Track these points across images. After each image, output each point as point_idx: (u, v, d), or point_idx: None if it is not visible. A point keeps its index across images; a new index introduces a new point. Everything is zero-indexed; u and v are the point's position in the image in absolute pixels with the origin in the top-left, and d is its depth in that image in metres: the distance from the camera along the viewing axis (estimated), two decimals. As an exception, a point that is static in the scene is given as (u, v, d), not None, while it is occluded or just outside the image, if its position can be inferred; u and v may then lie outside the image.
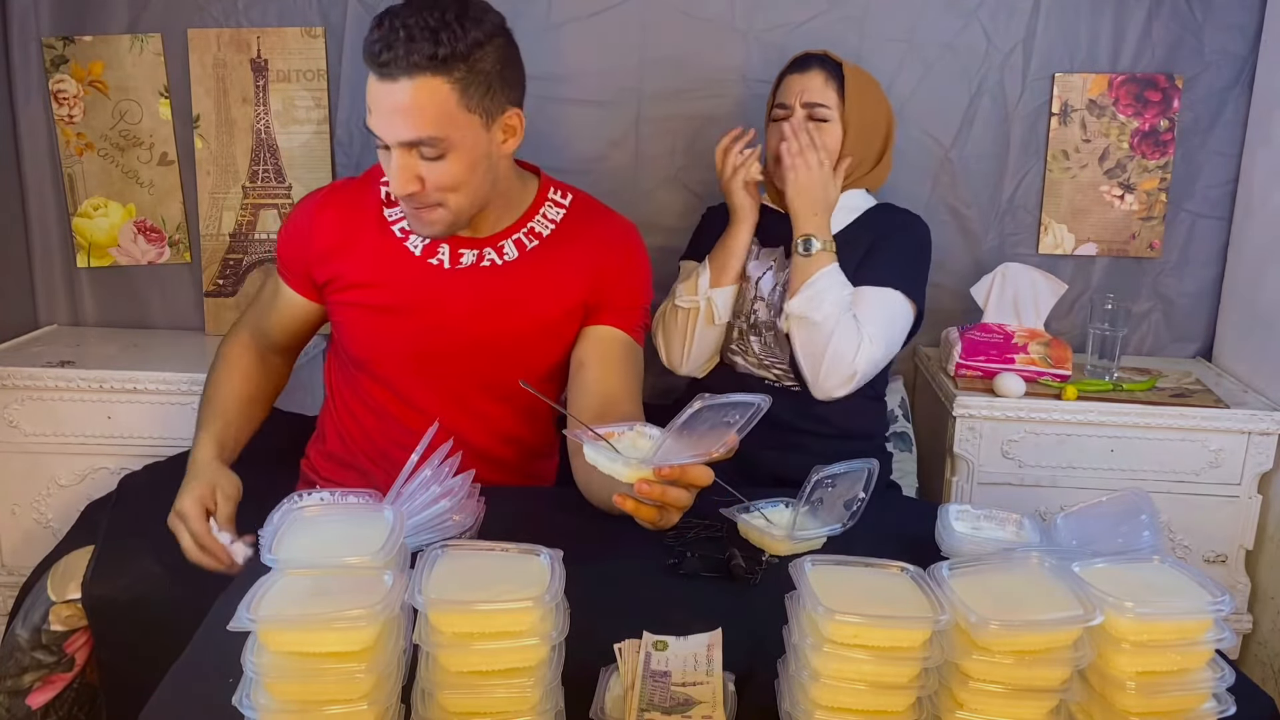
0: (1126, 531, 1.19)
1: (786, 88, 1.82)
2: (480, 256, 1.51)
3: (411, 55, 1.27)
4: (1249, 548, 2.01)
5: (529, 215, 1.54)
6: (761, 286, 1.83)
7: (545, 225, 1.54)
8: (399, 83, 1.29)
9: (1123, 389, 2.00)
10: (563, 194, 1.58)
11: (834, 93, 1.79)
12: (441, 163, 1.35)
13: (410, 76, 1.29)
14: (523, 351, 1.54)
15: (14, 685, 1.49)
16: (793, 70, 1.83)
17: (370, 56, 1.29)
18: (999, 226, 2.23)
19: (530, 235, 1.53)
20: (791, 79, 1.81)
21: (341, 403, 1.65)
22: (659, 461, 1.08)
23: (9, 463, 2.02)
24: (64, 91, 2.16)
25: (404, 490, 1.15)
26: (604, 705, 0.92)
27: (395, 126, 1.31)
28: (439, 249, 1.50)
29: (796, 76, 1.81)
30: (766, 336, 1.82)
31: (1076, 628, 0.85)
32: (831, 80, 1.79)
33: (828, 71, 1.80)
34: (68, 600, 1.49)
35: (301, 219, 1.58)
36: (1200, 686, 0.88)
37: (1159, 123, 2.17)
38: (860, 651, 0.83)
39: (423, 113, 1.30)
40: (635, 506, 1.12)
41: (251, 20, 2.15)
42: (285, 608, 0.83)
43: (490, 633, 0.84)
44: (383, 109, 1.31)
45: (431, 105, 1.30)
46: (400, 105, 1.30)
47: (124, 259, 2.26)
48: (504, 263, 1.51)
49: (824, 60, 1.81)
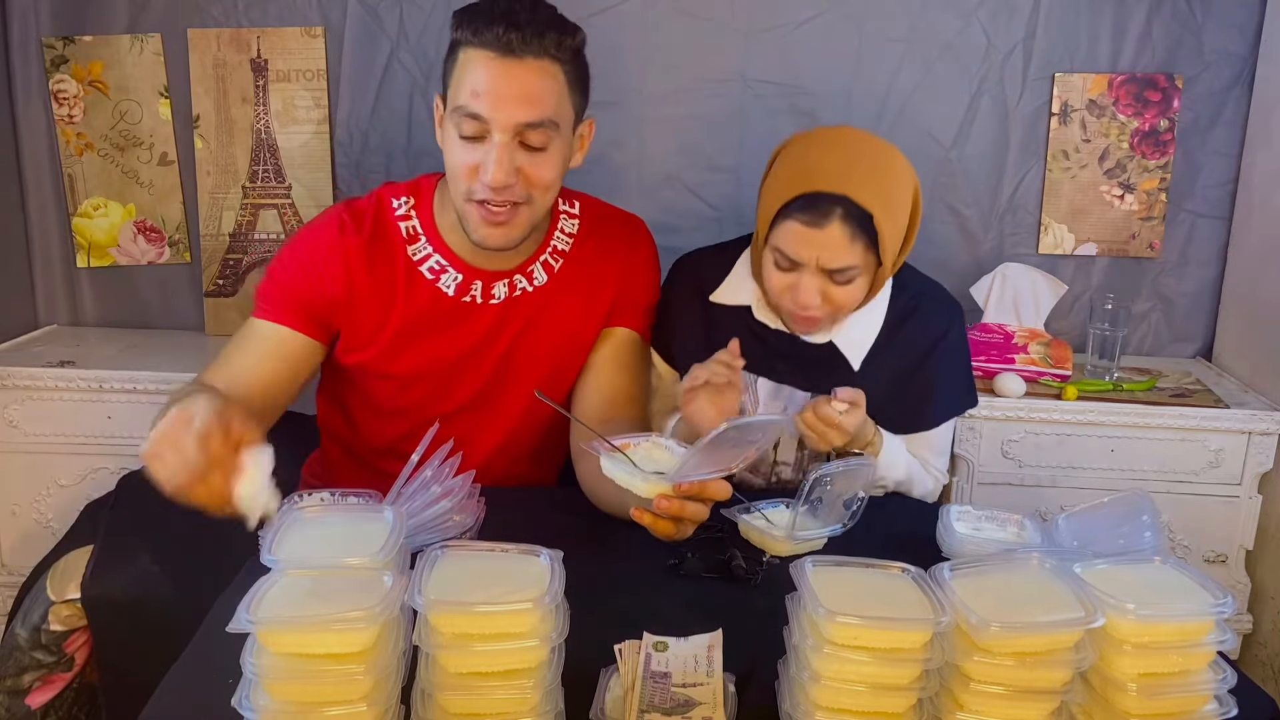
0: (1128, 533, 1.19)
1: (790, 237, 1.36)
2: (512, 286, 1.47)
3: (543, 37, 1.26)
4: (1249, 548, 2.01)
5: (549, 234, 1.50)
6: (781, 451, 1.54)
7: (565, 241, 1.50)
8: (525, 62, 1.25)
9: (1123, 389, 2.00)
10: (569, 202, 1.54)
11: (861, 247, 1.35)
12: (543, 155, 1.31)
13: (537, 58, 1.26)
14: (562, 370, 1.53)
15: (13, 685, 1.49)
16: (800, 216, 1.35)
17: (491, 36, 1.25)
18: (999, 226, 2.23)
19: (555, 255, 1.49)
20: (799, 231, 1.35)
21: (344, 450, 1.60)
22: (679, 478, 1.07)
23: (9, 463, 2.02)
24: (64, 91, 2.16)
25: (404, 491, 1.15)
26: (604, 706, 0.92)
27: (514, 108, 1.26)
28: (471, 286, 1.45)
29: (809, 231, 1.35)
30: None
31: (1078, 629, 0.85)
32: (859, 237, 1.35)
33: (854, 226, 1.34)
34: (67, 600, 1.49)
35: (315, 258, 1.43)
36: (1202, 688, 0.88)
37: (1159, 123, 2.17)
38: (861, 653, 0.83)
39: (545, 96, 1.28)
40: (653, 520, 1.12)
41: (251, 20, 2.15)
42: (285, 609, 0.83)
43: (490, 634, 0.84)
44: (501, 90, 1.25)
45: (553, 90, 1.29)
46: (524, 86, 1.26)
47: (124, 259, 2.25)
48: (535, 288, 1.48)
49: (847, 206, 1.33)
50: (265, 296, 1.44)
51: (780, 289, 1.41)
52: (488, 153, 1.28)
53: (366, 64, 2.15)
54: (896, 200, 1.39)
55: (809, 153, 1.40)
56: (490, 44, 1.25)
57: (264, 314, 1.43)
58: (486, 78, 1.25)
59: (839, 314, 1.43)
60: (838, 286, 1.38)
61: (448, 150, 1.33)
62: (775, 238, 1.38)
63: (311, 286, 1.43)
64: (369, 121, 2.18)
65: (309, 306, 1.43)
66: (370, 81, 2.16)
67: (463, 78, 1.28)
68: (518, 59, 1.25)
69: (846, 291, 1.38)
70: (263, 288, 1.45)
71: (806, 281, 1.37)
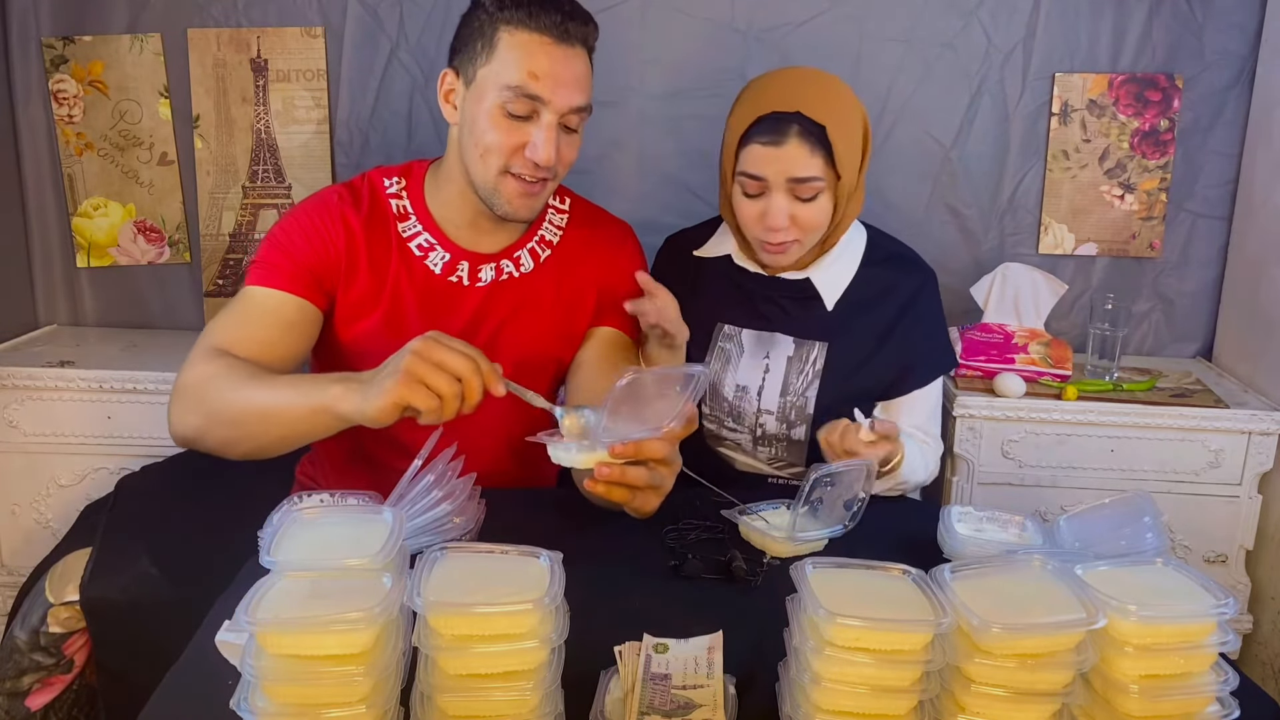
0: (1129, 534, 1.18)
1: (755, 159, 1.45)
2: (499, 271, 1.49)
3: (586, 26, 1.36)
4: (1249, 548, 2.01)
5: (537, 224, 1.53)
6: (765, 399, 1.57)
7: (553, 233, 1.53)
8: (575, 49, 1.35)
9: (1123, 389, 2.00)
10: (560, 198, 1.56)
11: (821, 161, 1.44)
12: (574, 136, 1.40)
13: (582, 45, 1.37)
14: (544, 361, 1.53)
15: (13, 687, 1.49)
16: (761, 137, 1.45)
17: (549, 22, 1.32)
18: (999, 226, 2.23)
19: (542, 244, 1.52)
20: (761, 150, 1.45)
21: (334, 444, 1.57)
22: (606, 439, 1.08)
23: (9, 463, 2.02)
24: (64, 91, 2.16)
25: (406, 493, 1.15)
26: (604, 708, 0.92)
27: (570, 91, 1.34)
28: (458, 266, 1.47)
29: (769, 149, 1.44)
30: (778, 448, 1.61)
31: (1079, 631, 0.84)
32: (817, 149, 1.44)
33: (811, 140, 1.43)
34: (66, 602, 1.49)
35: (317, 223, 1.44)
36: (1204, 690, 0.87)
37: (1159, 123, 2.16)
38: (861, 655, 0.83)
39: (587, 83, 1.38)
40: (606, 489, 1.13)
41: (251, 20, 2.15)
42: (284, 610, 0.82)
43: (490, 635, 0.84)
44: (560, 74, 1.33)
45: (590, 77, 1.39)
46: (576, 71, 1.35)
47: (124, 259, 2.25)
48: (521, 274, 1.50)
49: (802, 122, 1.43)
50: (268, 263, 1.42)
51: (752, 218, 1.49)
52: (537, 133, 1.34)
53: (366, 64, 2.15)
54: (847, 117, 1.48)
55: (762, 83, 1.53)
56: (548, 29, 1.32)
57: (267, 281, 1.40)
58: (546, 62, 1.32)
59: (807, 236, 1.50)
60: (803, 204, 1.46)
61: (482, 127, 1.35)
62: (741, 163, 1.47)
63: (314, 250, 1.42)
64: (369, 121, 2.18)
65: (313, 271, 1.42)
66: (370, 81, 2.16)
67: (515, 59, 1.32)
68: (570, 46, 1.34)
69: (812, 209, 1.46)
70: (264, 255, 1.43)
71: (774, 202, 1.46)
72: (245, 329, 1.37)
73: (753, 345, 1.59)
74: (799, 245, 1.51)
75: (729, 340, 1.59)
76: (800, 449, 1.60)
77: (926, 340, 1.61)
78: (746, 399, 1.58)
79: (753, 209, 1.48)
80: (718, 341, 1.60)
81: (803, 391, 1.56)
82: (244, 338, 1.35)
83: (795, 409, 1.56)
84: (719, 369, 1.57)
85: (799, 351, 1.57)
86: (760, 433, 1.59)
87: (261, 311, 1.39)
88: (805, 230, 1.48)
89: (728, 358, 1.59)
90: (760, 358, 1.58)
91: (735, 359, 1.59)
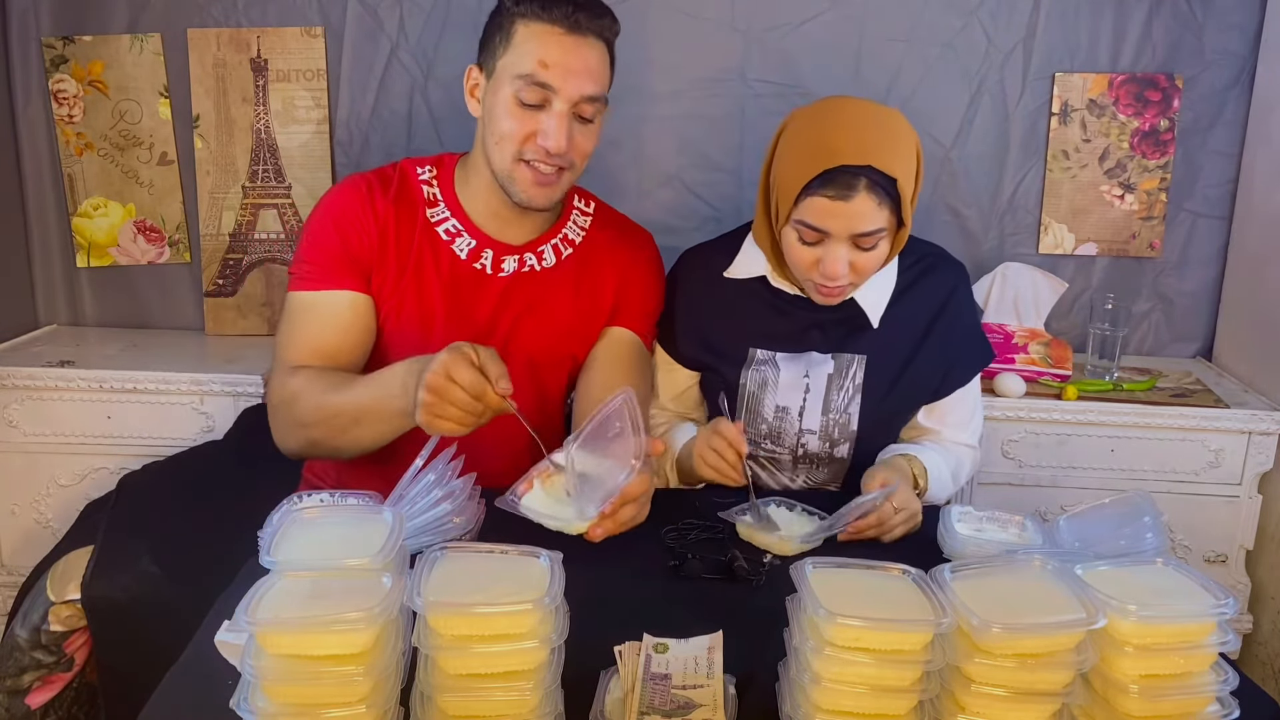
0: (1130, 534, 1.18)
1: (818, 211, 1.37)
2: (521, 262, 1.51)
3: (601, 19, 1.40)
4: (1249, 548, 2.01)
5: (562, 222, 1.55)
6: (806, 419, 1.53)
7: (577, 233, 1.56)
8: (587, 40, 1.39)
9: (1123, 389, 2.00)
10: (585, 201, 1.60)
11: (887, 210, 1.38)
12: (590, 126, 1.43)
13: (597, 36, 1.40)
14: (560, 356, 1.55)
15: (13, 685, 1.49)
16: (827, 191, 1.35)
17: (561, 14, 1.36)
18: (999, 226, 2.23)
19: (565, 243, 1.54)
20: (827, 205, 1.36)
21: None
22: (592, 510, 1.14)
23: (9, 463, 2.02)
24: (64, 91, 2.16)
25: (406, 493, 1.15)
26: (604, 708, 0.92)
27: (581, 79, 1.38)
28: (483, 254, 1.50)
29: (837, 205, 1.36)
30: (820, 467, 1.57)
31: (1079, 631, 0.85)
32: (885, 202, 1.37)
33: (880, 192, 1.36)
34: (67, 600, 1.49)
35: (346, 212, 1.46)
36: (1203, 690, 0.87)
37: (1159, 122, 2.16)
38: (861, 654, 0.83)
39: (601, 73, 1.41)
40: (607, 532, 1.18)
41: (251, 20, 2.14)
42: (284, 610, 0.82)
43: (489, 635, 0.84)
44: (570, 62, 1.37)
45: (605, 68, 1.43)
46: (588, 61, 1.39)
47: (124, 259, 2.25)
48: (543, 269, 1.52)
49: (871, 175, 1.35)
50: (308, 263, 1.46)
51: (807, 263, 1.43)
52: (548, 120, 1.38)
53: (366, 64, 2.15)
54: (911, 161, 1.42)
55: (821, 129, 1.40)
56: (559, 20, 1.36)
57: (311, 284, 1.45)
58: (557, 51, 1.36)
59: (862, 279, 1.46)
60: (863, 253, 1.40)
61: (499, 115, 1.40)
62: (800, 213, 1.39)
63: (347, 240, 1.46)
64: (369, 121, 2.18)
65: (352, 259, 1.46)
66: (370, 81, 2.16)
67: (527, 49, 1.37)
68: (582, 36, 1.38)
69: (871, 257, 1.41)
70: (303, 255, 1.47)
71: (834, 252, 1.39)
72: (307, 340, 1.43)
73: (790, 365, 1.54)
74: (853, 287, 1.47)
75: (765, 363, 1.54)
76: (842, 467, 1.56)
77: (964, 337, 1.58)
78: (787, 420, 1.53)
79: (808, 255, 1.42)
80: (753, 364, 1.55)
81: (844, 408, 1.52)
82: (310, 350, 1.42)
83: (839, 426, 1.53)
84: (756, 390, 1.54)
85: (838, 367, 1.53)
86: (802, 452, 1.55)
87: (315, 319, 1.45)
88: (862, 275, 1.44)
89: (764, 379, 1.53)
90: (799, 377, 1.53)
91: (773, 381, 1.53)
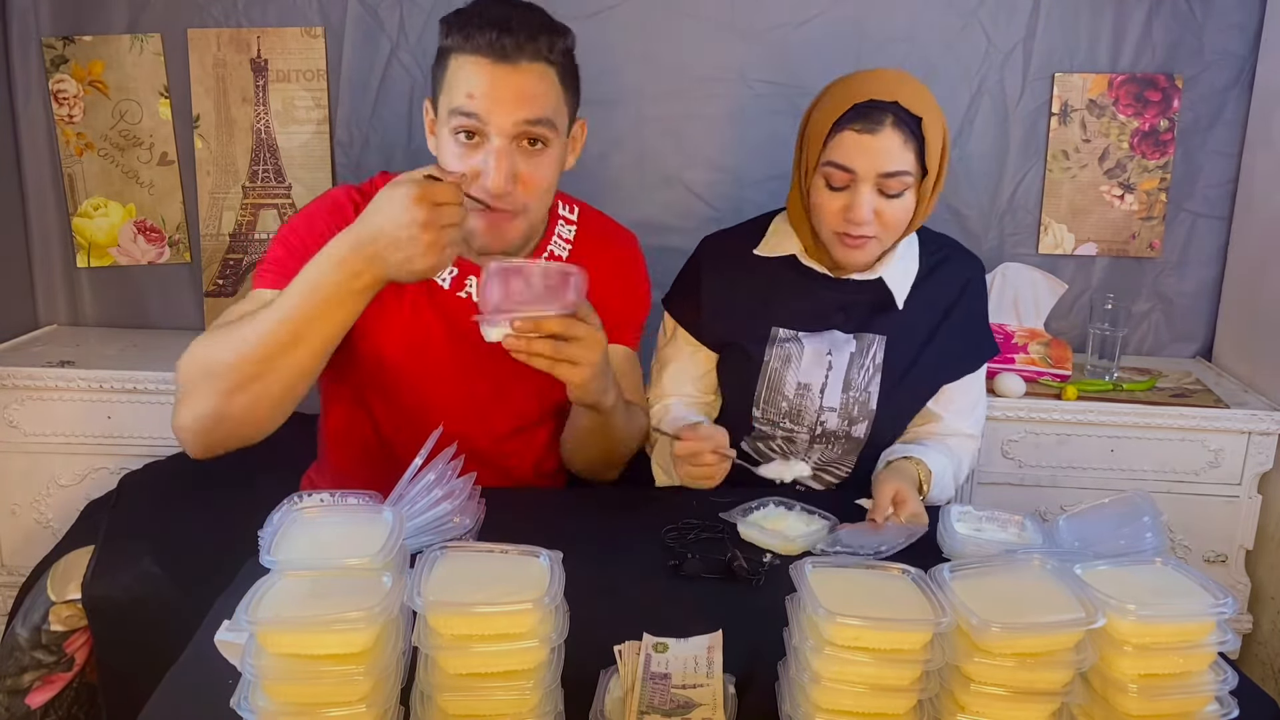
0: (1129, 533, 1.18)
1: (848, 147, 1.42)
2: None
3: (535, 41, 1.27)
4: (1249, 548, 2.01)
5: (547, 238, 1.49)
6: (828, 396, 1.55)
7: (562, 246, 1.49)
8: (519, 66, 1.27)
9: (1123, 389, 2.00)
10: (569, 208, 1.53)
11: (913, 155, 1.41)
12: (541, 157, 1.32)
13: (531, 61, 1.27)
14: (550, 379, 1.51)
15: (14, 685, 1.49)
16: (857, 124, 1.41)
17: (484, 41, 1.26)
18: (999, 226, 2.23)
19: (551, 260, 1.47)
20: (856, 139, 1.41)
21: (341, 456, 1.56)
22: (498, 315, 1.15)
23: (9, 463, 2.02)
24: (64, 91, 2.16)
25: (406, 493, 1.15)
26: (604, 708, 0.92)
27: (512, 108, 1.27)
28: (465, 282, 1.43)
29: (864, 137, 1.40)
30: (837, 445, 1.58)
31: (1078, 630, 0.85)
32: (910, 141, 1.41)
33: (905, 131, 1.40)
34: (68, 600, 1.49)
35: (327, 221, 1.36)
36: (1202, 689, 0.87)
37: (1159, 123, 2.16)
38: (861, 654, 0.83)
39: (542, 97, 1.29)
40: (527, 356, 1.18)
41: (251, 20, 2.15)
42: (284, 610, 0.83)
43: (489, 635, 0.84)
44: (499, 93, 1.27)
45: (548, 91, 1.30)
46: (521, 88, 1.27)
47: (124, 259, 2.25)
48: None
49: (898, 113, 1.40)
50: (277, 263, 1.35)
51: (833, 211, 1.45)
52: (486, 158, 1.28)
53: (366, 64, 2.15)
54: (938, 115, 1.45)
55: (856, 76, 1.48)
56: (483, 49, 1.26)
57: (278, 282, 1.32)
58: (482, 82, 1.26)
59: (886, 235, 1.47)
60: (889, 200, 1.43)
61: (445, 157, 1.32)
62: (830, 153, 1.43)
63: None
64: (369, 121, 2.18)
65: None
66: (370, 81, 2.16)
67: (456, 83, 1.28)
68: (512, 64, 1.26)
69: (896, 206, 1.43)
70: (273, 255, 1.37)
71: (861, 197, 1.42)
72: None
73: (813, 343, 1.56)
74: (878, 243, 1.48)
75: (789, 340, 1.56)
76: (856, 446, 1.58)
77: (977, 327, 1.63)
78: (809, 397, 1.55)
79: (835, 202, 1.45)
80: (776, 342, 1.57)
81: (865, 386, 1.55)
82: None
83: (859, 405, 1.55)
84: (779, 367, 1.55)
85: (860, 347, 1.55)
86: (820, 430, 1.57)
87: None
88: (887, 227, 1.45)
89: (788, 356, 1.56)
90: (822, 355, 1.55)
91: (796, 358, 1.56)
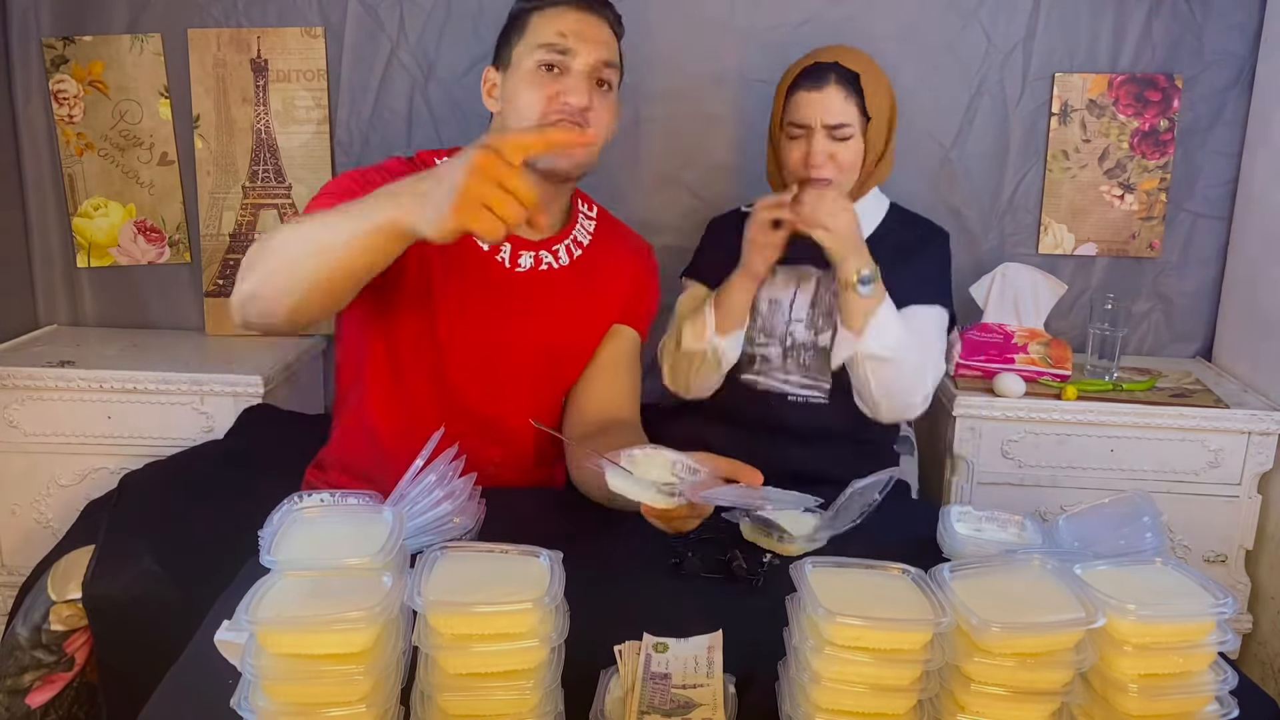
0: (1129, 534, 1.18)
1: (800, 105, 1.67)
2: (538, 260, 1.51)
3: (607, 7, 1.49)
4: (1249, 548, 2.01)
5: (572, 223, 1.57)
6: (796, 309, 1.75)
7: (585, 234, 1.58)
8: (600, 17, 1.47)
9: (1123, 389, 2.00)
10: (588, 205, 1.61)
11: (854, 108, 1.66)
12: (607, 98, 1.48)
13: (605, 20, 1.48)
14: (569, 357, 1.56)
15: (14, 684, 1.49)
16: (805, 85, 1.67)
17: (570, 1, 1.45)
18: (999, 226, 2.23)
19: (575, 244, 1.55)
20: (805, 96, 1.67)
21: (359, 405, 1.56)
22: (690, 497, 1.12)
23: (9, 463, 2.02)
24: (64, 91, 2.16)
25: (407, 493, 1.15)
26: (604, 708, 0.92)
27: (597, 46, 1.44)
28: (501, 248, 1.50)
29: (812, 94, 1.66)
30: (805, 356, 1.74)
31: (1078, 630, 0.85)
32: (851, 95, 1.66)
33: (846, 87, 1.66)
34: (68, 600, 1.49)
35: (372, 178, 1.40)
36: (1202, 689, 0.87)
37: (1159, 123, 2.16)
38: (861, 654, 0.83)
39: (613, 45, 1.50)
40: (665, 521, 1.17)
41: (251, 20, 2.15)
42: (284, 610, 0.83)
43: (489, 635, 0.84)
44: (587, 33, 1.45)
45: (615, 45, 1.50)
46: (600, 34, 1.46)
47: (124, 259, 2.25)
48: (558, 267, 1.53)
49: (839, 71, 1.66)
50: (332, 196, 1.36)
51: (796, 160, 1.69)
52: (570, 80, 1.43)
53: (366, 64, 2.15)
54: (878, 75, 1.71)
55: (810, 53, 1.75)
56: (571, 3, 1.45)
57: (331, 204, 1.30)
58: (572, 22, 1.44)
59: (843, 176, 1.69)
60: (839, 144, 1.67)
61: (520, 90, 1.44)
62: (789, 113, 1.70)
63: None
64: (369, 121, 2.18)
65: None
66: (370, 81, 2.16)
67: (542, 26, 1.44)
68: (595, 14, 1.47)
69: (846, 149, 1.68)
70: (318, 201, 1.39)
71: (815, 144, 1.66)
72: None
73: (785, 270, 1.76)
74: (838, 186, 1.67)
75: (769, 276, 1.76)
76: (825, 357, 1.72)
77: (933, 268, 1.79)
78: (779, 311, 1.75)
79: (796, 151, 1.68)
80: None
81: (829, 300, 1.72)
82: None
83: (823, 315, 1.73)
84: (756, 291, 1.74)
85: (827, 275, 1.72)
86: (790, 342, 1.74)
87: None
88: (842, 168, 1.68)
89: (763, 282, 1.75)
90: (792, 279, 1.76)
91: (770, 281, 1.76)
